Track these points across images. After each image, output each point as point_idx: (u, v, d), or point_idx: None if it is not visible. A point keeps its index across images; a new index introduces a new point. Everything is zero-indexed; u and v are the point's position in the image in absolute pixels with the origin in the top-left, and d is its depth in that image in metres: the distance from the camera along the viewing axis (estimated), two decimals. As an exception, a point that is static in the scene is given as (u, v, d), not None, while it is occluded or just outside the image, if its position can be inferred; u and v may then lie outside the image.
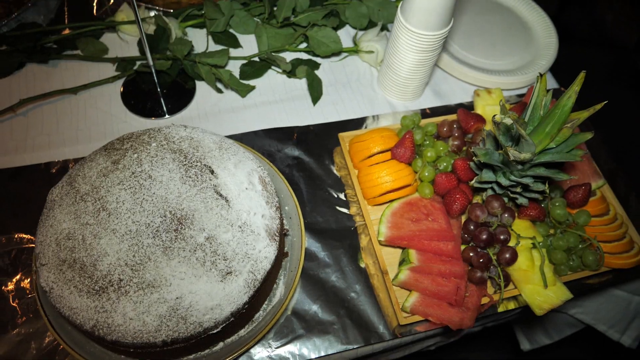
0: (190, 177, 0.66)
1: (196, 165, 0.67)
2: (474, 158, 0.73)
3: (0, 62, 0.86)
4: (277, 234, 0.66)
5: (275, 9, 0.94)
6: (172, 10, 0.93)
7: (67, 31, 0.92)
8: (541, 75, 0.65)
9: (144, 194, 0.64)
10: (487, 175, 0.71)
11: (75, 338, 0.65)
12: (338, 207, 0.79)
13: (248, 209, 0.66)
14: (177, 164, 0.67)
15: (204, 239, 0.62)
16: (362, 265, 0.75)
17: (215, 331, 0.61)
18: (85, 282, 0.59)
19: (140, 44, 0.90)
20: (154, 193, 0.64)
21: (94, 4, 0.99)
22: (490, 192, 0.74)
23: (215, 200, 0.65)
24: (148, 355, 0.62)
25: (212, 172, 0.67)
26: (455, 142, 0.80)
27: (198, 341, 0.62)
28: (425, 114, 0.90)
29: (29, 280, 0.71)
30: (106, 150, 0.69)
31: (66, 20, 0.96)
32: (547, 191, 0.69)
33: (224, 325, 0.61)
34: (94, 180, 0.65)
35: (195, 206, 0.64)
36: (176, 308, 0.59)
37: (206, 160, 0.68)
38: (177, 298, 0.59)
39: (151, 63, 0.81)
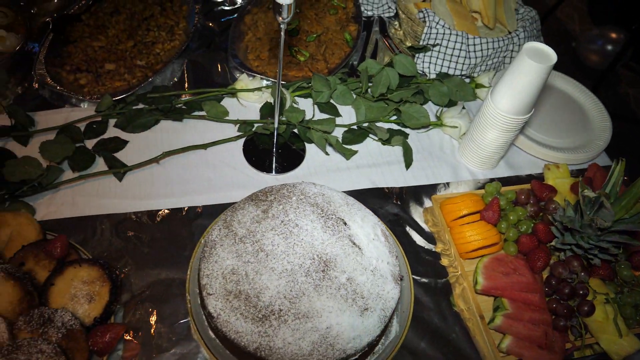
0: (328, 227, 0.79)
1: (332, 217, 0.80)
2: (555, 223, 0.87)
3: (141, 118, 1.01)
4: (399, 279, 0.79)
5: (371, 85, 1.10)
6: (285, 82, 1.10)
7: (186, 96, 1.07)
8: (619, 160, 0.80)
9: (294, 239, 0.77)
10: (568, 238, 0.85)
11: (227, 356, 0.76)
12: (433, 259, 0.92)
13: (377, 256, 0.78)
14: (316, 216, 0.80)
15: (345, 280, 0.74)
16: (456, 309, 0.87)
17: (353, 358, 0.72)
18: (250, 310, 0.71)
19: (265, 108, 1.05)
20: (302, 239, 0.77)
21: (218, 71, 1.16)
22: (569, 252, 0.87)
23: (350, 247, 0.78)
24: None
25: (345, 223, 0.80)
26: (532, 209, 0.94)
27: (337, 366, 0.73)
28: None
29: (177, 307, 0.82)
30: (253, 201, 0.83)
31: (186, 84, 1.12)
32: (620, 255, 0.82)
33: (360, 353, 0.73)
34: (249, 226, 0.78)
35: (336, 252, 0.76)
36: (326, 336, 0.70)
37: (339, 213, 0.82)
38: (327, 328, 0.70)
39: (276, 126, 0.96)
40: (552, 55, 0.86)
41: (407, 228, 0.95)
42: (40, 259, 0.80)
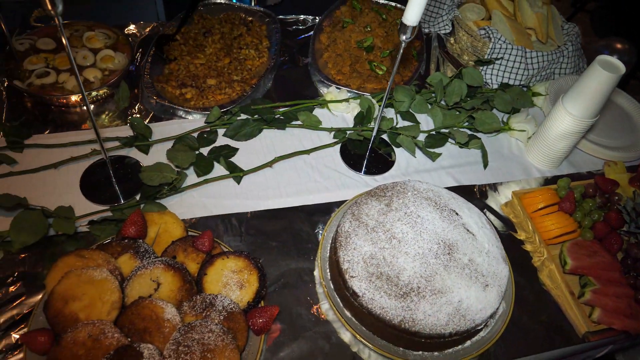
0: (444, 217, 0.91)
1: (445, 209, 0.92)
2: (625, 211, 1.00)
3: (248, 128, 1.12)
4: (507, 260, 0.91)
5: (444, 95, 1.23)
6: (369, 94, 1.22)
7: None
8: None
9: (419, 228, 0.88)
10: (641, 222, 0.98)
11: (365, 332, 0.86)
12: (516, 245, 1.05)
13: (487, 240, 0.91)
14: (432, 208, 0.92)
15: (467, 260, 0.86)
16: (545, 288, 0.99)
17: (480, 327, 0.84)
18: (392, 288, 0.82)
19: (358, 117, 1.17)
20: (426, 227, 0.89)
21: (303, 84, 1.28)
22: (640, 236, 1.01)
23: (466, 233, 0.90)
24: (434, 346, 0.84)
25: (457, 214, 0.93)
26: (600, 200, 1.08)
27: (464, 336, 0.84)
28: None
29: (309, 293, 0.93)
30: (373, 196, 0.94)
31: (275, 97, 1.24)
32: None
33: (484, 324, 0.84)
34: (377, 217, 0.90)
35: (455, 237, 0.88)
36: (458, 308, 0.82)
37: (450, 205, 0.94)
38: (458, 301, 0.82)
39: (374, 133, 1.08)
40: (620, 67, 1.00)
41: (492, 218, 1.08)
42: (189, 252, 0.90)
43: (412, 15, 0.84)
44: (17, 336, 0.83)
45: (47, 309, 0.81)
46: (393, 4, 1.48)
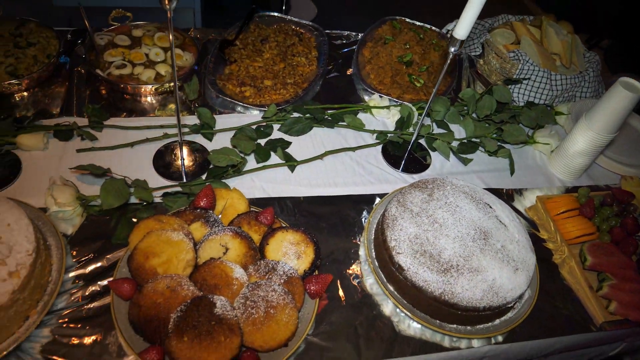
0: (480, 208, 1.03)
1: (480, 202, 1.04)
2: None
3: (300, 124, 1.25)
4: (533, 250, 1.02)
5: (476, 109, 1.35)
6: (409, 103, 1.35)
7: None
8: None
9: (458, 215, 1.00)
10: (654, 228, 1.09)
11: (405, 304, 0.97)
12: (539, 242, 1.16)
13: (517, 232, 1.02)
14: (468, 200, 1.04)
15: (500, 246, 0.97)
16: (566, 283, 1.10)
17: (509, 306, 0.94)
18: (434, 264, 0.93)
19: (399, 122, 1.29)
20: (464, 215, 1.00)
21: (348, 91, 1.41)
22: (653, 240, 1.12)
23: (499, 224, 1.01)
24: (468, 319, 0.94)
25: (490, 207, 1.04)
26: (616, 208, 1.19)
27: (494, 313, 0.95)
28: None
29: (356, 269, 1.03)
30: (415, 188, 1.06)
31: (322, 101, 1.37)
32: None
33: (514, 303, 0.95)
34: (421, 205, 1.02)
35: (490, 226, 1.00)
36: (492, 286, 0.92)
37: (484, 199, 1.05)
38: (492, 279, 0.93)
39: (415, 138, 1.20)
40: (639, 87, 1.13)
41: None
42: (252, 225, 1.01)
43: (462, 29, 0.97)
44: (103, 283, 0.93)
45: (130, 262, 0.92)
46: (428, 26, 1.63)
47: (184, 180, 1.11)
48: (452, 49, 1.00)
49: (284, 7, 3.16)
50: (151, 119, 1.23)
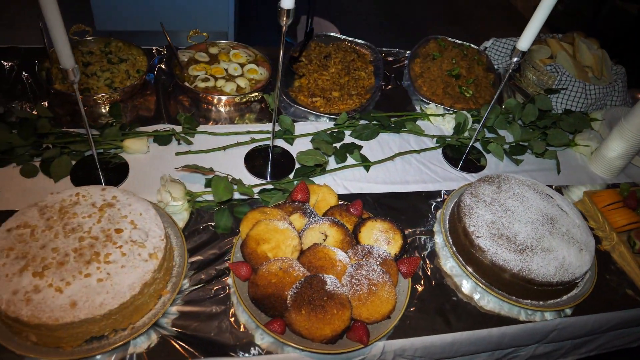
0: (543, 198, 1.16)
1: (542, 193, 1.18)
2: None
3: (371, 131, 1.39)
4: (591, 234, 1.15)
5: (522, 116, 1.50)
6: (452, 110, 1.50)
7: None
8: None
9: (527, 204, 1.13)
10: (693, 215, 1.23)
11: (484, 283, 1.09)
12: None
13: (577, 218, 1.15)
14: (532, 192, 1.17)
15: (565, 230, 1.11)
16: (618, 266, 1.23)
17: (576, 282, 1.07)
18: (511, 246, 1.06)
19: (456, 128, 1.44)
20: (531, 204, 1.14)
21: (404, 101, 1.56)
22: (693, 227, 1.26)
23: (561, 211, 1.15)
24: (542, 294, 1.07)
25: (551, 197, 1.18)
26: (655, 201, 1.33)
27: (564, 288, 1.07)
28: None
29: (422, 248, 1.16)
30: (483, 182, 1.20)
31: (382, 110, 1.51)
32: None
33: (580, 279, 1.08)
34: (492, 196, 1.15)
35: (554, 213, 1.13)
36: (562, 263, 1.05)
37: (545, 191, 1.19)
38: (562, 258, 1.06)
39: (472, 142, 1.34)
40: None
41: (570, 212, 1.33)
42: (344, 216, 1.14)
43: (525, 42, 1.12)
44: (219, 267, 1.05)
45: (243, 248, 1.04)
46: (467, 44, 1.79)
47: (268, 179, 1.23)
48: (515, 59, 1.15)
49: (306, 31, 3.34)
50: (237, 126, 1.36)
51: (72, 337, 0.87)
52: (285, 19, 0.97)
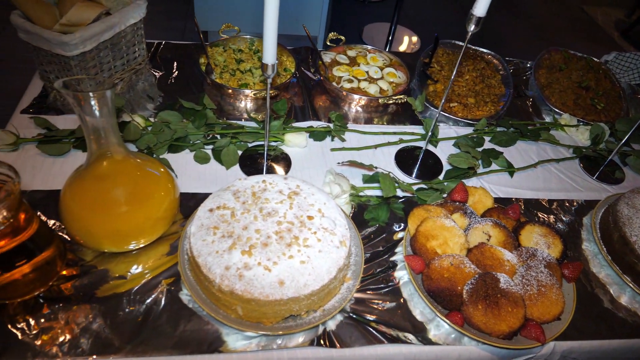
0: (702, 213, 1.17)
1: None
2: None
3: (509, 138, 1.42)
4: None
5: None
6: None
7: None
8: None
9: None
10: None
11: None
12: None
13: None
14: (690, 206, 1.19)
15: None
16: None
17: None
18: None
19: (593, 139, 1.46)
20: None
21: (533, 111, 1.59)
22: None
23: None
24: None
25: None
26: None
27: None
28: None
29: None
30: (638, 193, 1.21)
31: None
32: None
33: None
34: (651, 207, 1.17)
35: None
36: None
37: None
38: None
39: (614, 153, 1.36)
40: None
41: None
42: (501, 218, 1.18)
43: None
44: (389, 259, 1.11)
45: (413, 243, 1.09)
46: (588, 56, 1.81)
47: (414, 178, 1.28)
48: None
49: (388, 41, 3.40)
50: (384, 126, 1.42)
51: (275, 313, 0.94)
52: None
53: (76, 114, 0.87)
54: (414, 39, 3.61)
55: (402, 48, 3.54)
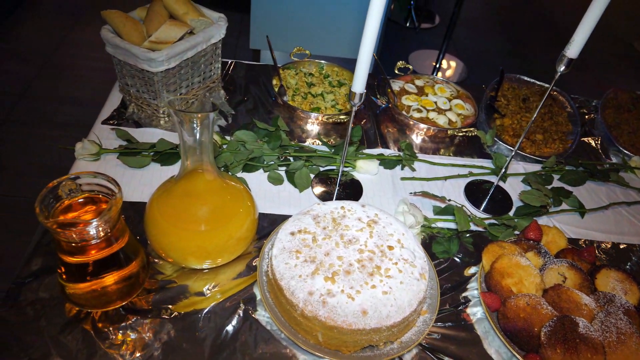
0: None
1: None
2: None
3: (578, 177, 1.40)
4: None
5: None
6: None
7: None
8: None
9: None
10: None
11: None
12: None
13: None
14: None
15: None
16: None
17: None
18: None
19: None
20: None
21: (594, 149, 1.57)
22: None
23: None
24: None
25: None
26: None
27: None
28: None
29: None
30: None
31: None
32: None
33: None
34: None
35: None
36: None
37: None
38: None
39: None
40: None
41: None
42: (576, 260, 1.16)
43: None
44: (462, 294, 1.10)
45: (488, 279, 1.09)
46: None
47: (482, 212, 1.28)
48: None
49: (435, 68, 3.42)
50: (451, 158, 1.42)
51: (355, 342, 0.94)
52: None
53: (177, 131, 0.90)
54: (462, 67, 3.61)
55: (449, 75, 3.55)
